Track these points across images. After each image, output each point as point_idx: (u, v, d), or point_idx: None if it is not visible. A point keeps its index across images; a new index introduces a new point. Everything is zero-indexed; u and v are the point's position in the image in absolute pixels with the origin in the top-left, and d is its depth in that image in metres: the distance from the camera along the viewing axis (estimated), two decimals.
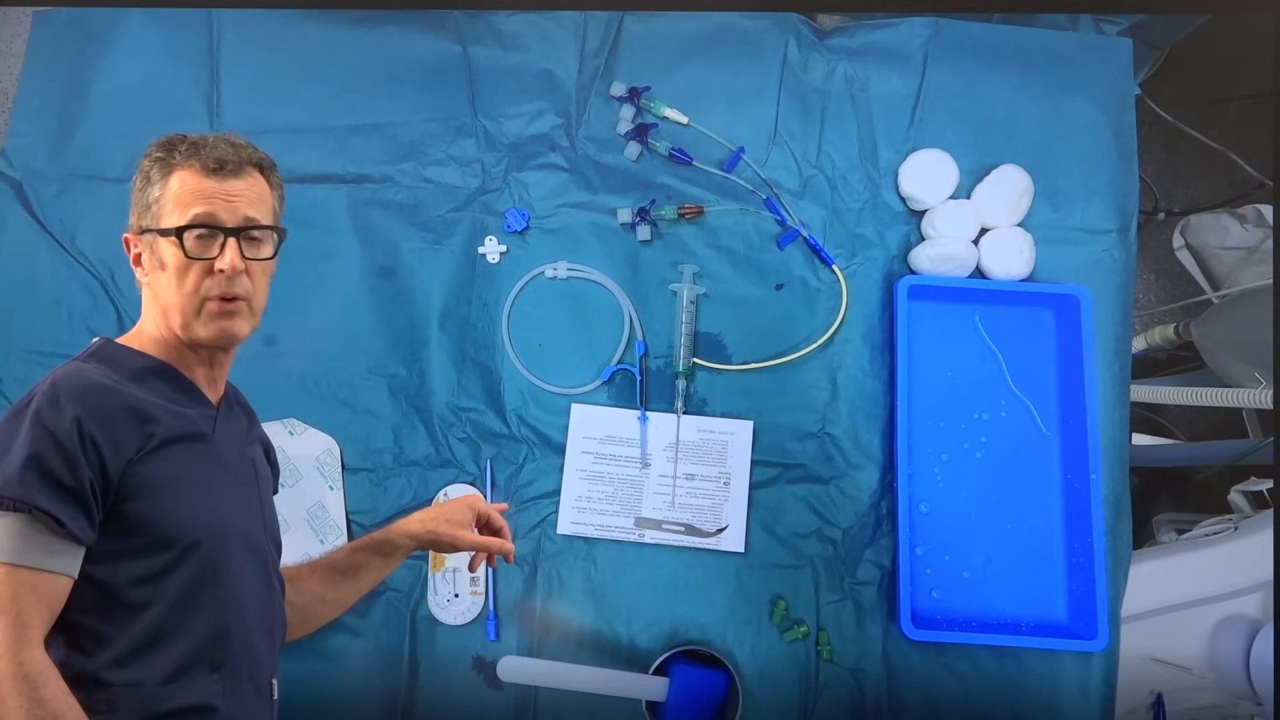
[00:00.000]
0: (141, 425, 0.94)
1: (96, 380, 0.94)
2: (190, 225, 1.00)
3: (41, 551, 0.86)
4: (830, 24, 1.72)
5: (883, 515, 1.48)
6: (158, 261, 1.02)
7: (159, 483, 0.94)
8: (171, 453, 0.96)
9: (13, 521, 0.86)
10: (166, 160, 1.03)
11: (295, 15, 1.64)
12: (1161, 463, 2.20)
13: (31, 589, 0.85)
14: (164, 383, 1.01)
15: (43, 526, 0.86)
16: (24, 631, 0.84)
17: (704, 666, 1.38)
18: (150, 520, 0.93)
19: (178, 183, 1.02)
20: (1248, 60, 2.23)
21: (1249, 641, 1.45)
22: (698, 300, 1.54)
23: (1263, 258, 1.94)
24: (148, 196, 1.03)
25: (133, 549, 0.92)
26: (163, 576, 0.93)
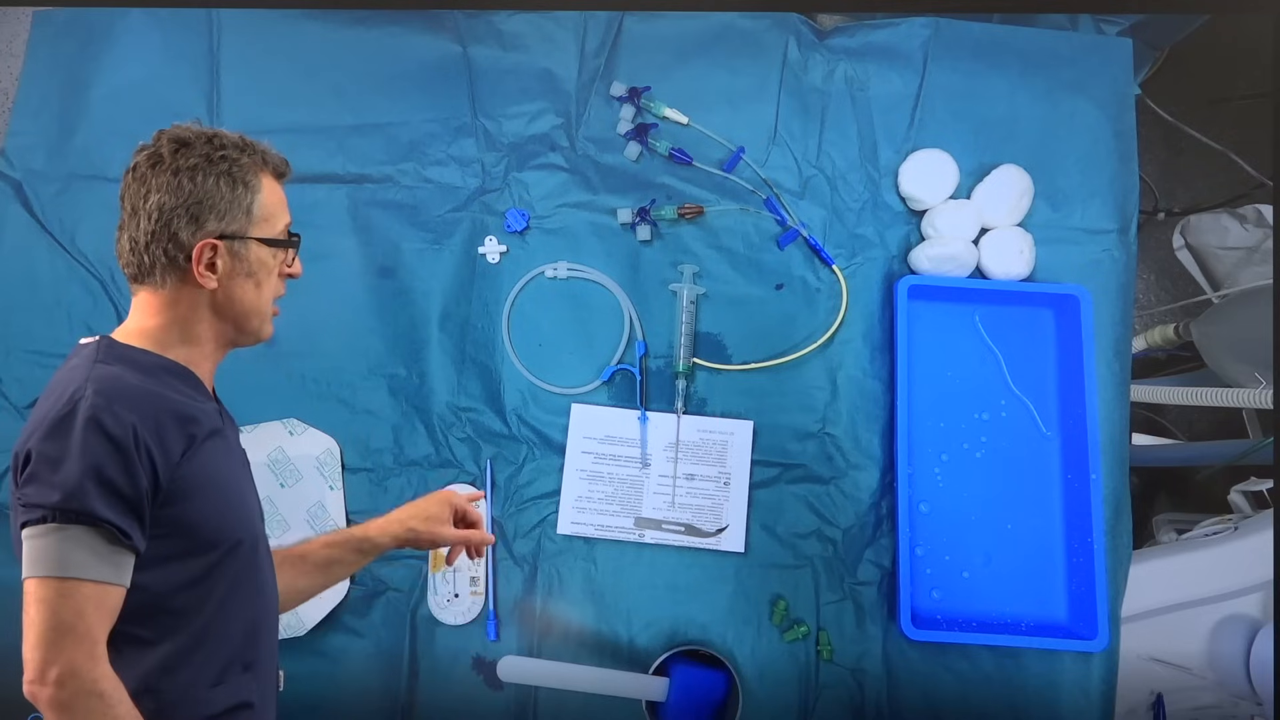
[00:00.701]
0: (184, 427, 0.92)
1: (140, 385, 0.92)
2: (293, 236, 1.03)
3: (104, 564, 0.85)
4: (830, 24, 1.72)
5: (883, 515, 1.48)
6: (244, 267, 0.99)
7: (202, 484, 0.93)
8: (207, 451, 0.95)
9: (75, 534, 0.84)
10: (255, 162, 1.01)
11: (295, 15, 1.65)
12: (1161, 463, 2.19)
13: (98, 603, 0.84)
14: (173, 378, 0.99)
15: (102, 537, 0.84)
16: (94, 648, 0.83)
17: (704, 666, 1.38)
18: (197, 522, 0.92)
19: (268, 189, 1.01)
20: (1248, 60, 2.23)
21: (1249, 641, 1.45)
22: (698, 300, 1.54)
23: (1263, 258, 1.94)
24: (244, 200, 0.99)
25: (176, 552, 0.91)
26: (206, 579, 0.93)
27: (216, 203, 0.97)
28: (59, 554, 0.83)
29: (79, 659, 0.82)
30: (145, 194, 0.97)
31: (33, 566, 0.84)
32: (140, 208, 0.97)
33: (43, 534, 0.84)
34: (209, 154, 0.97)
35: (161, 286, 0.98)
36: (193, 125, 1.00)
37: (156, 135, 1.00)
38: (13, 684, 1.40)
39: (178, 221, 0.96)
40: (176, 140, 0.98)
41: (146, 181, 0.97)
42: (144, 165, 0.97)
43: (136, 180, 0.98)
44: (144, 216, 0.96)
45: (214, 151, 0.98)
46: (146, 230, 0.96)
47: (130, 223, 0.98)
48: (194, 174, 0.97)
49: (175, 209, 0.96)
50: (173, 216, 0.96)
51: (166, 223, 0.96)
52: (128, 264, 0.99)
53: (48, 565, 0.83)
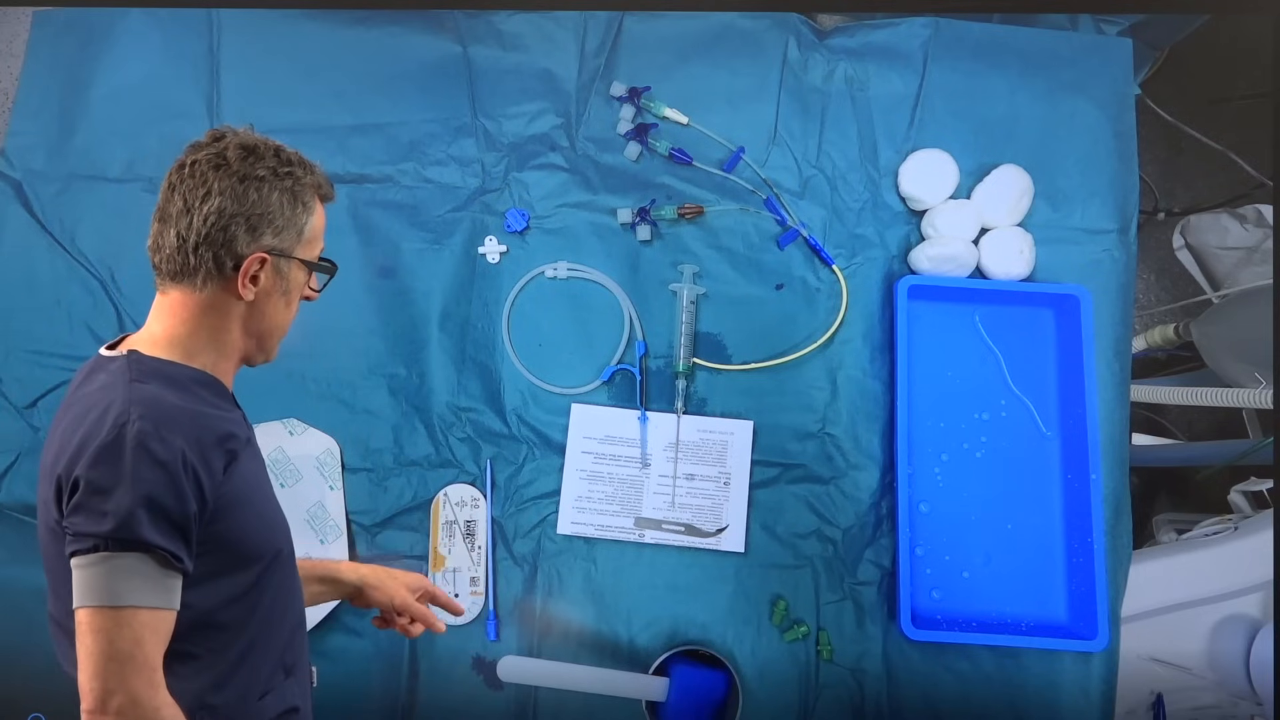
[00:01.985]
0: (224, 444, 0.92)
1: (180, 405, 0.91)
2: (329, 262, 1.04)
3: (158, 590, 0.84)
4: (830, 24, 1.72)
5: (883, 515, 1.48)
6: (283, 284, 0.99)
7: (243, 499, 0.93)
8: (244, 465, 0.95)
9: (128, 561, 0.83)
10: (314, 183, 1.01)
11: (295, 15, 1.65)
12: (1161, 463, 2.19)
13: (154, 630, 0.84)
14: (205, 390, 0.97)
15: (155, 562, 0.84)
16: (153, 675, 0.83)
17: (704, 666, 1.38)
18: (239, 536, 0.92)
19: (319, 213, 1.02)
20: (1248, 60, 2.23)
21: (1249, 641, 1.45)
22: (698, 300, 1.54)
23: (1263, 258, 1.94)
24: (300, 221, 0.98)
25: (219, 568, 0.91)
26: (252, 591, 0.93)
27: (276, 218, 0.96)
28: (112, 583, 0.82)
29: (140, 687, 0.81)
30: (204, 194, 0.94)
31: (86, 596, 0.83)
32: (195, 206, 0.94)
33: (95, 563, 0.83)
34: (276, 167, 0.96)
35: (199, 290, 0.96)
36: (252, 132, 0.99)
37: (217, 136, 0.97)
38: (13, 683, 1.41)
39: (235, 228, 0.94)
40: (244, 147, 0.96)
41: (207, 182, 0.94)
42: (205, 165, 0.95)
43: (194, 177, 0.95)
44: (198, 216, 0.94)
45: (280, 166, 0.97)
46: (200, 231, 0.94)
47: (180, 219, 0.95)
48: (260, 185, 0.95)
49: (235, 216, 0.94)
50: (231, 222, 0.94)
51: (224, 227, 0.94)
52: (168, 260, 0.96)
53: (101, 595, 0.82)
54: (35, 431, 1.52)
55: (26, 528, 1.47)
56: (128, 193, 1.60)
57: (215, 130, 0.98)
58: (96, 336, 1.55)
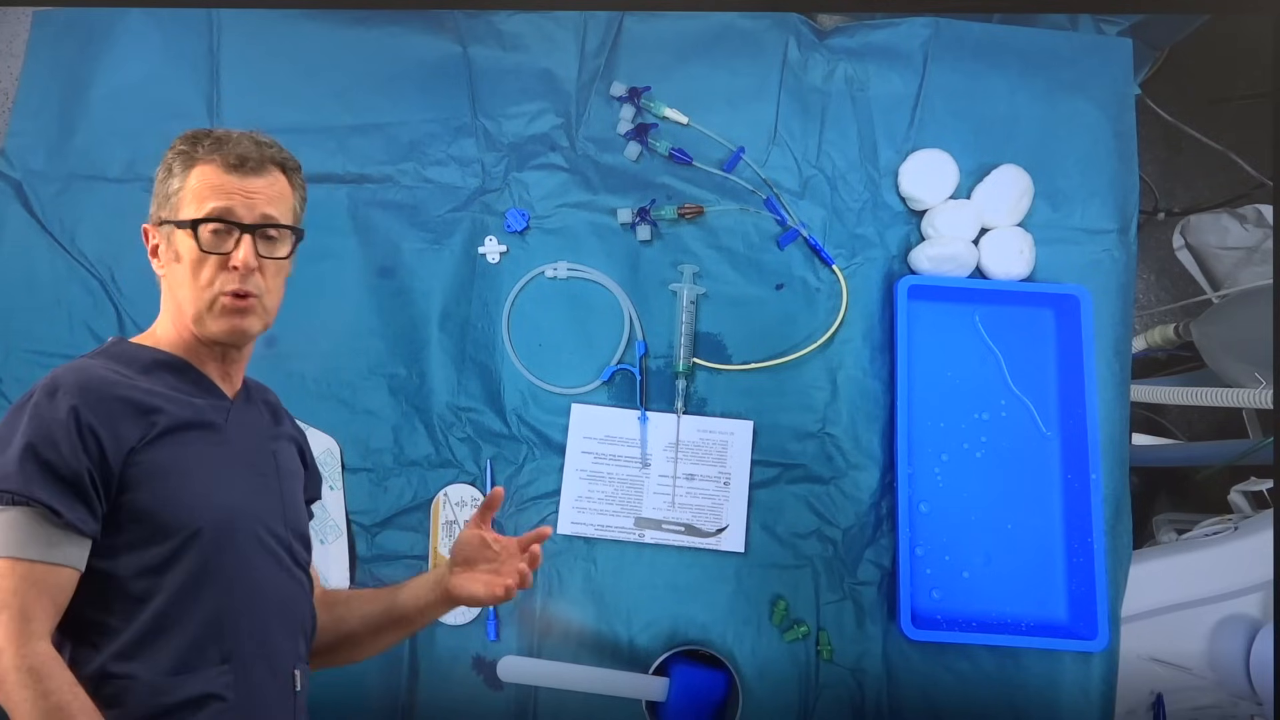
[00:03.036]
0: (143, 415, 0.93)
1: (97, 373, 0.94)
2: (206, 219, 0.99)
3: (43, 544, 0.86)
4: (830, 24, 1.72)
5: (883, 515, 1.48)
6: (173, 254, 1.02)
7: (161, 471, 0.93)
8: (175, 440, 0.95)
9: (13, 515, 0.85)
10: (189, 154, 1.03)
11: (295, 15, 1.64)
12: (1161, 463, 2.19)
13: (34, 582, 0.85)
14: (173, 375, 1.00)
15: (43, 519, 0.86)
16: (27, 625, 0.83)
17: (704, 666, 1.38)
18: (153, 509, 0.92)
19: (198, 177, 1.02)
20: (1248, 60, 2.23)
21: (1249, 641, 1.45)
22: (698, 300, 1.54)
23: (1263, 258, 1.94)
24: (168, 188, 1.03)
25: (136, 539, 0.91)
26: (166, 566, 0.92)
27: (156, 191, 1.05)
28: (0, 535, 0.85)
29: (10, 634, 0.82)
30: None
31: None
32: None
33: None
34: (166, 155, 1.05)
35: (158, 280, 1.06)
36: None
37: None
38: None
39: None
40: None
41: None
42: None
43: None
44: None
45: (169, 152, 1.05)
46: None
47: None
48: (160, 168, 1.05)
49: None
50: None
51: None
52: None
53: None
54: None
55: None
56: (128, 193, 1.60)
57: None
58: (96, 336, 1.55)
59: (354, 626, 1.13)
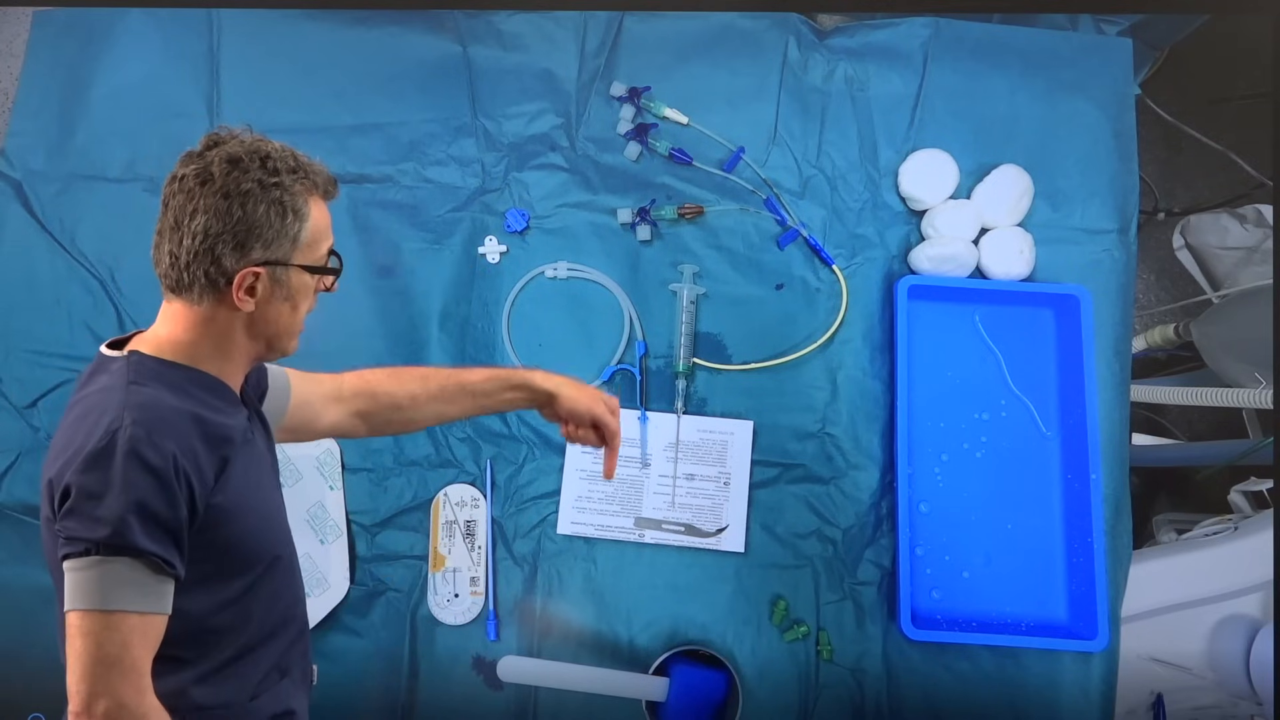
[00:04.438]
0: (217, 449, 0.92)
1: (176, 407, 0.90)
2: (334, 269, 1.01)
3: (148, 595, 0.85)
4: (830, 24, 1.72)
5: (883, 515, 1.48)
6: (284, 290, 0.97)
7: (237, 505, 0.93)
8: (239, 470, 0.95)
9: (118, 567, 0.83)
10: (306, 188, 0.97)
11: (295, 15, 1.64)
12: (1161, 463, 2.19)
13: (142, 635, 0.84)
14: (206, 392, 0.96)
15: (146, 568, 0.84)
16: (139, 680, 0.83)
17: (704, 666, 1.38)
18: (233, 544, 0.92)
19: (316, 215, 0.98)
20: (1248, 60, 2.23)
21: (1249, 641, 1.45)
22: (698, 300, 1.54)
23: (1263, 258, 1.94)
24: (292, 230, 0.95)
25: (216, 574, 0.91)
26: (244, 597, 0.93)
27: (264, 231, 0.93)
28: (102, 587, 0.83)
29: (126, 692, 0.82)
30: (191, 211, 0.92)
31: (76, 599, 0.83)
32: (184, 224, 0.92)
33: (85, 567, 0.83)
34: (262, 179, 0.93)
35: (198, 304, 0.96)
36: (243, 135, 0.96)
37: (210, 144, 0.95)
38: (13, 683, 1.40)
39: (222, 247, 0.92)
40: (230, 160, 0.93)
41: (194, 199, 0.92)
42: (192, 180, 0.92)
43: (183, 193, 0.93)
44: (187, 234, 0.92)
45: (268, 177, 0.93)
46: (189, 249, 0.92)
47: (172, 236, 0.93)
48: (245, 200, 0.92)
49: (221, 234, 0.92)
50: (217, 241, 0.92)
51: (210, 247, 0.92)
52: (165, 275, 0.96)
53: (91, 599, 0.83)
54: (35, 431, 1.52)
55: (26, 528, 1.47)
56: (128, 193, 1.60)
57: (211, 136, 0.95)
58: (96, 336, 1.55)
59: (414, 390, 1.16)
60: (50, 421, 1.52)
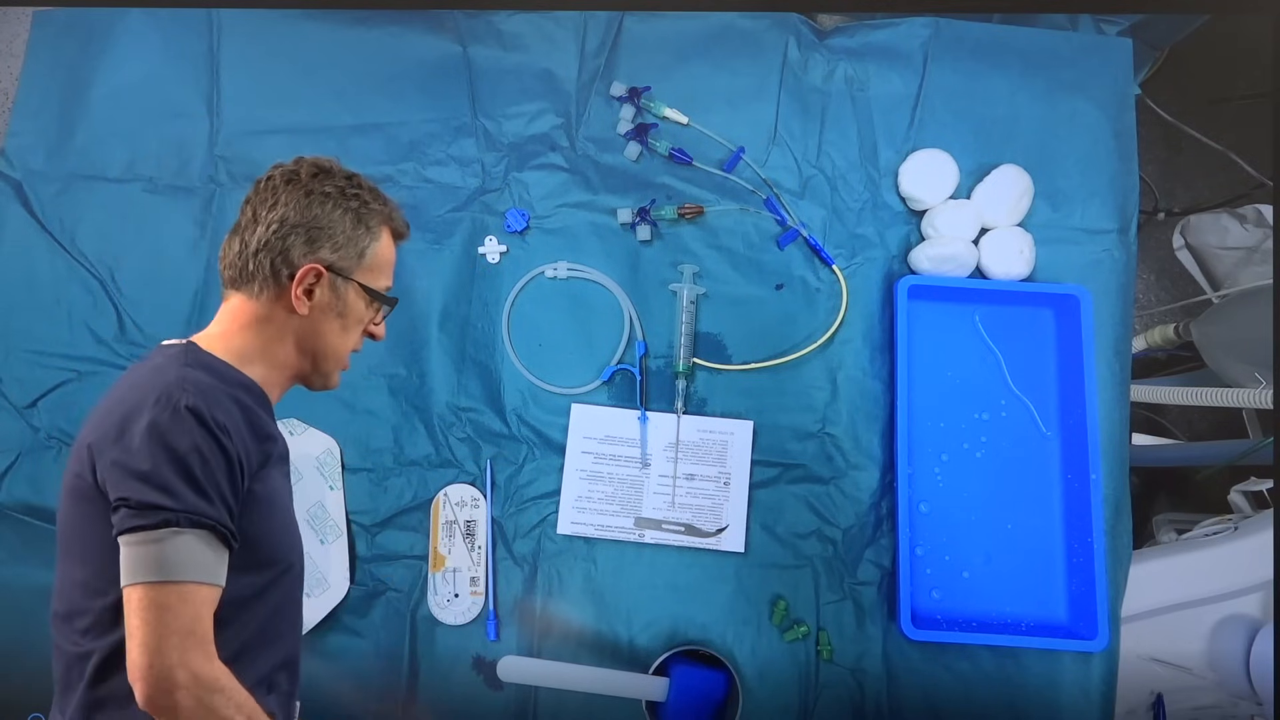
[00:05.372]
0: (263, 442, 0.94)
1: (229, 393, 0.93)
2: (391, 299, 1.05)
3: (214, 566, 0.85)
4: (830, 24, 1.72)
5: (883, 515, 1.48)
6: (339, 304, 1.01)
7: (268, 502, 0.94)
8: (274, 472, 0.97)
9: (188, 538, 0.83)
10: (383, 213, 1.04)
11: (295, 15, 1.65)
12: (1161, 463, 2.19)
13: (210, 605, 0.85)
14: (253, 400, 0.97)
15: (215, 539, 0.85)
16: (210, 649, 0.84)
17: (704, 666, 1.38)
18: (260, 537, 0.93)
19: (385, 243, 1.04)
20: (1248, 60, 2.23)
21: (1249, 641, 1.45)
22: (698, 300, 1.54)
23: (1263, 258, 1.94)
24: (361, 242, 1.01)
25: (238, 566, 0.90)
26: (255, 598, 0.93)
27: (336, 234, 0.99)
28: (176, 559, 0.83)
29: (200, 662, 0.82)
30: (272, 204, 0.98)
31: (143, 572, 0.82)
32: (262, 215, 0.98)
33: (155, 539, 0.83)
34: (344, 188, 1.00)
35: (256, 297, 0.98)
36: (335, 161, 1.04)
37: (297, 159, 1.02)
38: (13, 683, 1.40)
39: (294, 238, 0.97)
40: (317, 166, 1.01)
41: (277, 194, 0.98)
42: (279, 179, 0.99)
43: (267, 190, 0.99)
44: (263, 224, 0.97)
45: (349, 187, 1.00)
46: (261, 238, 0.97)
47: (247, 228, 0.99)
48: (325, 200, 0.99)
49: (296, 226, 0.97)
50: (291, 231, 0.97)
51: (283, 236, 0.97)
52: (230, 266, 0.99)
53: (163, 570, 0.82)
54: (35, 431, 1.52)
55: (26, 528, 1.48)
56: (128, 193, 1.60)
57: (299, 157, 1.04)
58: (96, 336, 1.55)
59: None
60: (50, 421, 1.52)
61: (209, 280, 1.56)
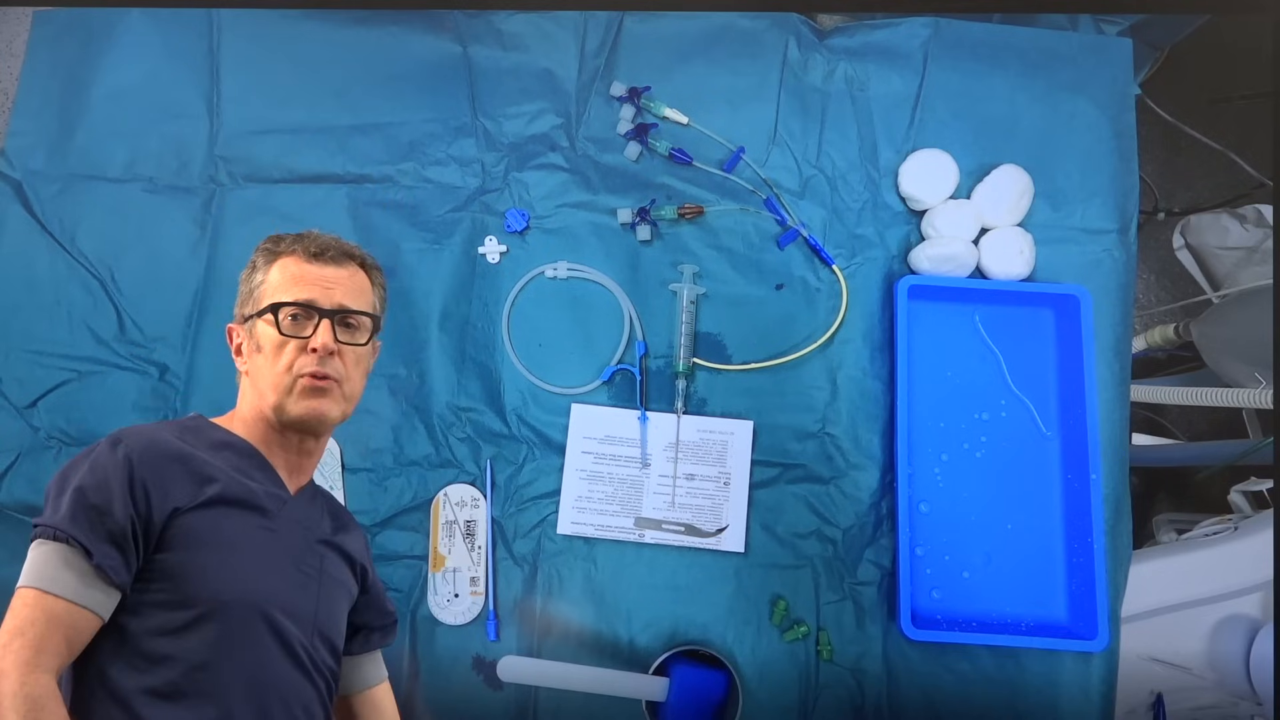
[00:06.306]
0: (196, 480, 0.96)
1: (162, 435, 0.98)
2: (285, 303, 1.04)
3: (72, 584, 0.87)
4: (830, 24, 1.72)
5: (883, 515, 1.48)
6: (255, 345, 1.06)
7: (200, 537, 0.94)
8: (221, 513, 0.97)
9: (49, 550, 0.89)
10: (273, 250, 1.09)
11: (295, 15, 1.65)
12: (1161, 463, 2.19)
13: (54, 617, 0.86)
14: (240, 457, 1.03)
15: (79, 561, 0.88)
16: (37, 655, 0.84)
17: (704, 666, 1.38)
18: (183, 572, 0.93)
19: (279, 270, 1.07)
20: (1248, 60, 2.23)
21: (1249, 641, 1.45)
22: (698, 300, 1.54)
23: (1263, 258, 1.94)
24: (251, 284, 1.09)
25: (161, 599, 0.91)
26: (184, 632, 0.92)
27: (241, 291, 1.11)
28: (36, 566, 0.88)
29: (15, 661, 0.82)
30: None
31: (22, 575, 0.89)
32: None
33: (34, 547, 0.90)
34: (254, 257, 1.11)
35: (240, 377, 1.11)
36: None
37: None
38: None
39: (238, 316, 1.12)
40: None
41: None
42: None
43: None
44: None
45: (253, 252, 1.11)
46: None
47: None
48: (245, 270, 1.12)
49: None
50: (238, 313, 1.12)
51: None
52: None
53: (27, 574, 0.89)
54: (35, 431, 1.52)
55: (27, 528, 1.45)
56: (128, 193, 1.60)
57: None
58: (96, 336, 1.55)
59: None
60: (50, 421, 1.52)
61: (209, 280, 1.56)
